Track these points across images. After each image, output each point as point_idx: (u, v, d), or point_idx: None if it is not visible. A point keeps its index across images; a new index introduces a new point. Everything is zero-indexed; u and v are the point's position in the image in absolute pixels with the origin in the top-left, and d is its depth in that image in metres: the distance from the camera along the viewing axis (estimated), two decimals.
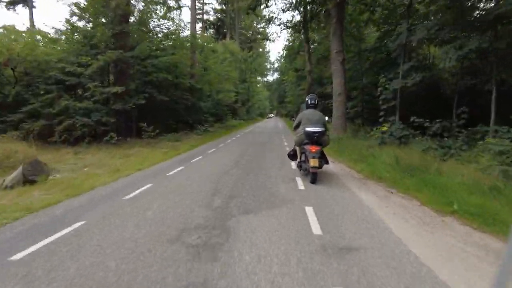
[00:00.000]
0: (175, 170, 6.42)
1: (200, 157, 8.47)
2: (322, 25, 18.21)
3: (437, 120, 7.86)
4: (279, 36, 55.29)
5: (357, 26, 13.68)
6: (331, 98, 20.44)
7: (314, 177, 4.92)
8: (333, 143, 9.59)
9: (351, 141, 9.30)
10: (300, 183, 5.05)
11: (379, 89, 9.38)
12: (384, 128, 8.78)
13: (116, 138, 11.93)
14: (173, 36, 15.30)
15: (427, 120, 7.65)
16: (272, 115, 67.09)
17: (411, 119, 7.88)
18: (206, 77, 19.68)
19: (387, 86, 9.18)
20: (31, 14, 27.40)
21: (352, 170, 6.43)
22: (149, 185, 5.07)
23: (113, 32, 12.75)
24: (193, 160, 7.83)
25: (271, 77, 64.51)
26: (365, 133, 10.08)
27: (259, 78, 63.76)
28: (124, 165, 7.73)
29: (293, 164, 6.44)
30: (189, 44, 18.15)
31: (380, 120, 9.55)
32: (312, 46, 22.85)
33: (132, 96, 13.12)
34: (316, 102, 5.69)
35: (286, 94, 40.53)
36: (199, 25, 45.41)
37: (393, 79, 9.43)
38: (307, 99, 5.78)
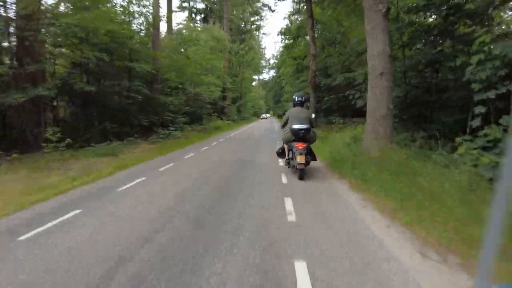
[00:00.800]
0: None
1: (77, 211, 3.54)
2: None
3: None
4: (276, 6, 49.93)
5: None
6: (340, 92, 15.57)
7: (302, 174, 4.91)
8: (373, 166, 4.72)
9: (414, 166, 4.43)
10: None
11: (476, 57, 4.48)
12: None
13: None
14: None
15: None
16: (268, 115, 61.33)
17: None
18: (176, 62, 14.70)
19: (492, 49, 4.32)
20: None
21: None
22: None
23: None
24: (29, 234, 2.88)
25: (267, 75, 59.52)
26: (438, 145, 5.14)
27: (255, 77, 58.33)
28: None
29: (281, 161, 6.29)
30: (149, 16, 13.18)
31: (472, 123, 4.69)
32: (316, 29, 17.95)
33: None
34: (303, 100, 5.55)
35: (282, 91, 35.57)
36: (184, 14, 40.45)
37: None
38: (294, 97, 5.65)
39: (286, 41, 22.04)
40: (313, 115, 5.70)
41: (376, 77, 5.59)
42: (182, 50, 20.64)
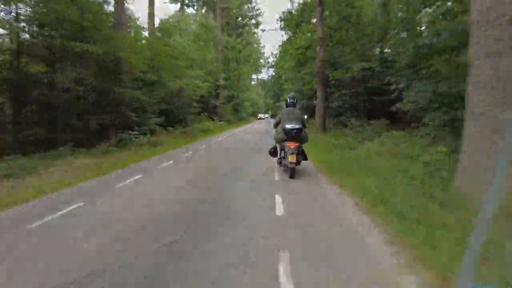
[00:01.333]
0: None
1: None
2: None
3: None
4: None
5: None
6: (353, 88, 12.33)
7: (292, 172, 4.98)
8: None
9: None
10: None
11: None
12: None
13: None
14: None
15: None
16: (267, 115, 57.29)
17: None
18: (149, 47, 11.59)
19: None
20: None
21: None
22: None
23: None
24: None
25: (266, 74, 55.96)
26: None
27: (253, 76, 54.51)
28: None
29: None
30: None
31: None
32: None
33: None
34: (295, 101, 5.76)
35: (282, 89, 32.39)
36: (176, 6, 37.28)
37: None
38: (287, 98, 5.87)
39: (287, 29, 18.88)
40: (306, 116, 5.89)
41: (499, 31, 2.49)
42: (173, 39, 17.60)
